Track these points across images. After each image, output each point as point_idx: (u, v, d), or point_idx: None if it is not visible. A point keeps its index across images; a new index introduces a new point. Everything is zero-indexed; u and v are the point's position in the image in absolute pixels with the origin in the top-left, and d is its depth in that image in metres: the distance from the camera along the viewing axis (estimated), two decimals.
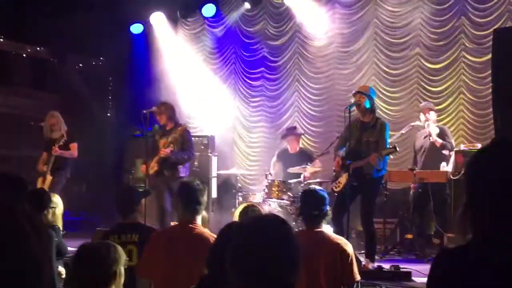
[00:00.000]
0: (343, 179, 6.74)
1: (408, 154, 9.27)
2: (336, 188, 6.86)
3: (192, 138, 8.23)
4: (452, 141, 8.31)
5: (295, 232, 4.34)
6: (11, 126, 9.69)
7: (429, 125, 8.10)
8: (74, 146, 8.77)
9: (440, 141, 8.01)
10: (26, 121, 8.97)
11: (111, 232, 4.48)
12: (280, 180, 8.69)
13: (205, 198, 4.05)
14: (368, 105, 6.78)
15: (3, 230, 1.24)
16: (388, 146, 6.71)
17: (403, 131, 8.69)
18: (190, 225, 3.92)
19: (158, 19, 11.62)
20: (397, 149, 6.76)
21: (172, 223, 7.02)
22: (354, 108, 6.78)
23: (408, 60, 9.79)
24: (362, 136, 6.78)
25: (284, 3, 10.70)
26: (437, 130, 8.11)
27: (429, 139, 8.12)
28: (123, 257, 2.77)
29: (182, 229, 3.94)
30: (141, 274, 3.83)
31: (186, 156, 7.81)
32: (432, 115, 8.24)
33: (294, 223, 8.28)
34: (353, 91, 6.99)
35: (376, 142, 6.72)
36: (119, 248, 2.80)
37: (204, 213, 4.56)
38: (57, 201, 5.42)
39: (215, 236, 3.73)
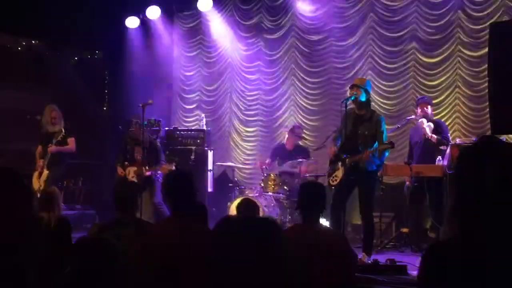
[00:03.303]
0: (340, 172, 6.72)
1: (404, 148, 9.28)
2: (333, 182, 6.85)
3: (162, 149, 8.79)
4: (448, 135, 8.33)
5: (291, 226, 4.37)
6: (6, 120, 9.65)
7: (423, 122, 8.07)
8: (72, 140, 8.76)
9: (436, 137, 8.01)
10: (22, 114, 8.92)
11: (107, 226, 4.48)
12: (276, 174, 8.72)
13: (194, 187, 3.97)
14: (364, 98, 6.75)
15: None
16: (385, 140, 6.70)
17: (398, 125, 8.71)
18: (180, 218, 3.87)
19: (154, 13, 11.58)
20: (394, 145, 6.74)
21: None
22: (350, 101, 6.78)
23: (404, 54, 9.78)
24: (357, 128, 6.76)
25: None
26: (431, 126, 8.09)
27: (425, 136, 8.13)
28: (119, 251, 2.78)
29: (172, 223, 3.90)
30: (134, 269, 3.80)
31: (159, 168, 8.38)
32: (429, 110, 8.24)
33: (289, 216, 8.31)
34: (350, 85, 6.98)
35: (372, 136, 6.70)
36: (115, 242, 2.81)
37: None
38: (58, 194, 5.43)
39: (207, 228, 3.73)
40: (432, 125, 8.10)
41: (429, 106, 8.31)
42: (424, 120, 8.09)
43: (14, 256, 1.14)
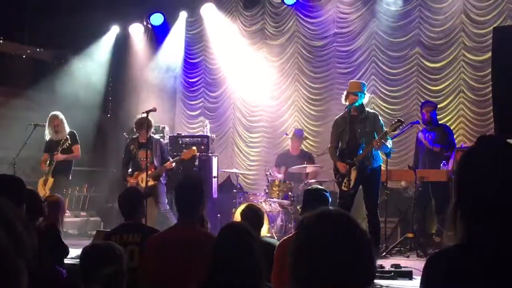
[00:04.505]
0: (353, 176, 6.73)
1: (408, 153, 9.28)
2: (346, 187, 6.80)
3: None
4: (454, 139, 8.30)
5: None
6: (11, 127, 9.68)
7: (422, 137, 8.13)
8: (77, 148, 8.77)
9: (438, 147, 8.00)
10: (27, 122, 8.94)
11: (113, 233, 4.49)
12: (280, 180, 8.72)
13: (202, 197, 3.98)
14: (361, 101, 6.90)
15: None
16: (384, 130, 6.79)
17: (403, 130, 8.70)
18: (188, 226, 3.88)
19: (157, 19, 11.62)
20: (403, 120, 6.80)
21: None
22: (353, 107, 6.85)
23: (408, 59, 9.78)
24: (355, 128, 6.83)
25: (284, 2, 10.70)
26: (431, 136, 8.10)
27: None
28: (125, 257, 2.79)
29: (180, 231, 3.90)
30: (142, 276, 3.82)
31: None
32: (434, 115, 8.24)
33: (294, 222, 8.29)
34: (352, 92, 6.97)
35: (372, 131, 6.78)
36: (121, 249, 2.82)
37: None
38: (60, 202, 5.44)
39: (214, 236, 3.73)
40: (432, 135, 8.10)
41: (434, 110, 8.31)
42: (422, 135, 8.12)
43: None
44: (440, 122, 8.60)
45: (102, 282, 2.64)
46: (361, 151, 6.71)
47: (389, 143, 6.88)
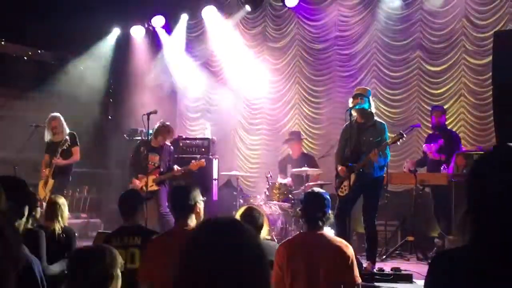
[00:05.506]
0: (351, 181, 6.70)
1: (409, 156, 9.29)
2: (342, 193, 6.80)
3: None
4: (461, 145, 8.27)
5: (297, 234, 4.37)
6: (12, 129, 9.69)
7: (427, 149, 8.17)
8: (76, 150, 8.75)
9: (444, 156, 8.01)
10: (28, 123, 8.94)
11: (113, 235, 4.50)
12: (281, 183, 8.72)
13: (198, 198, 4.02)
14: (367, 106, 6.80)
15: None
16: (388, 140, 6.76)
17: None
18: (185, 228, 3.91)
19: (159, 22, 11.64)
20: (404, 135, 6.76)
21: None
22: (354, 110, 6.79)
23: (408, 62, 9.79)
24: (361, 136, 6.77)
25: (285, 5, 10.71)
26: (434, 147, 8.12)
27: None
28: (119, 260, 2.78)
29: (178, 233, 3.93)
30: (143, 279, 3.83)
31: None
32: (443, 120, 8.27)
33: (294, 225, 8.30)
34: (353, 94, 6.97)
35: (377, 143, 6.72)
36: (115, 251, 2.81)
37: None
38: (64, 203, 5.44)
39: None
40: (435, 145, 8.11)
41: (443, 115, 8.32)
42: (427, 148, 8.15)
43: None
44: (449, 128, 8.61)
45: (89, 282, 2.65)
46: (361, 160, 6.67)
47: (387, 155, 6.82)
